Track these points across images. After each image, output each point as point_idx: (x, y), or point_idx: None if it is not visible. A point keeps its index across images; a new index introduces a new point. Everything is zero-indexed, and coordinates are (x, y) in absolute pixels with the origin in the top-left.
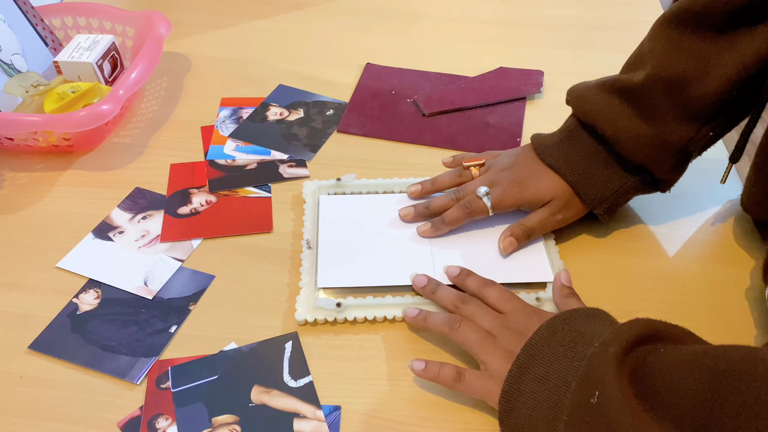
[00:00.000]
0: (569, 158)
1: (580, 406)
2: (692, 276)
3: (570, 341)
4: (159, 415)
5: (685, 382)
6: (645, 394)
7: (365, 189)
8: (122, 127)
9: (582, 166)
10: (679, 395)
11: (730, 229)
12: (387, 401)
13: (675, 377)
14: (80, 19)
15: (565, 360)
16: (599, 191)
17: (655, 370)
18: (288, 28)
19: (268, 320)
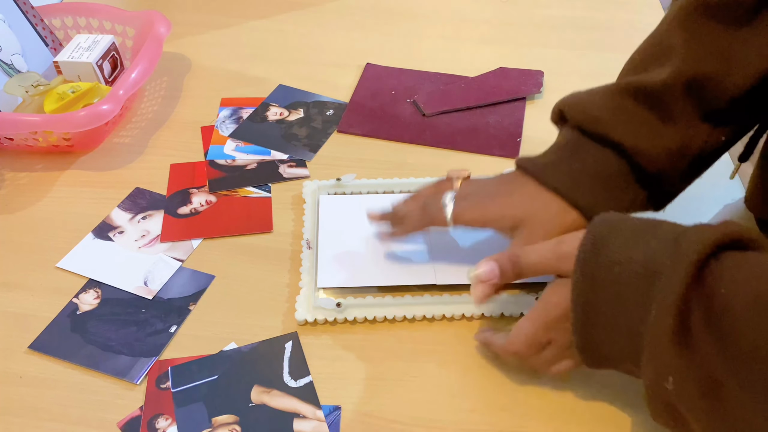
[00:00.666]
0: (577, 179)
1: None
2: None
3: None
4: (159, 415)
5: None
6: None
7: (365, 189)
8: (122, 127)
9: (592, 186)
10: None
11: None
12: (387, 401)
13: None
14: (80, 19)
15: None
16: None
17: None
18: (288, 28)
19: (268, 320)
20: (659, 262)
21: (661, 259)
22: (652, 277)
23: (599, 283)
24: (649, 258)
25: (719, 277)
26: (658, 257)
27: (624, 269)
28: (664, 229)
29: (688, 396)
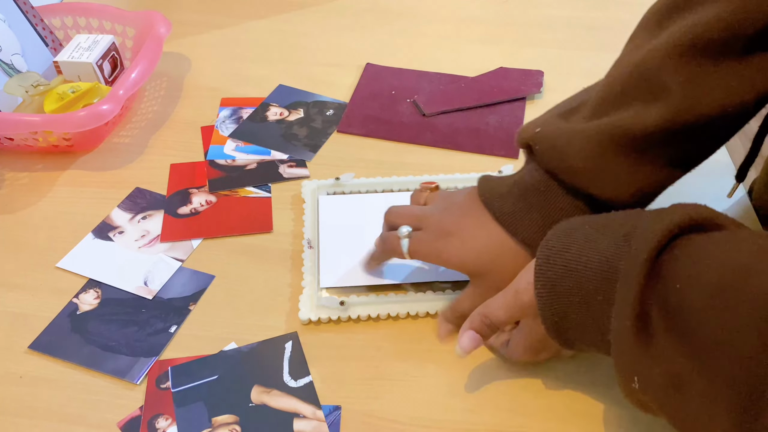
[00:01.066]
0: (545, 229)
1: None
2: None
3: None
4: (159, 415)
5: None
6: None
7: (364, 188)
8: (122, 127)
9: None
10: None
11: None
12: (387, 401)
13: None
14: (80, 19)
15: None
16: None
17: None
18: (288, 28)
19: (268, 320)
20: (614, 263)
21: (615, 261)
22: (611, 280)
23: (561, 294)
24: (603, 262)
25: (673, 270)
26: (612, 260)
27: (581, 276)
28: (613, 227)
29: (653, 393)
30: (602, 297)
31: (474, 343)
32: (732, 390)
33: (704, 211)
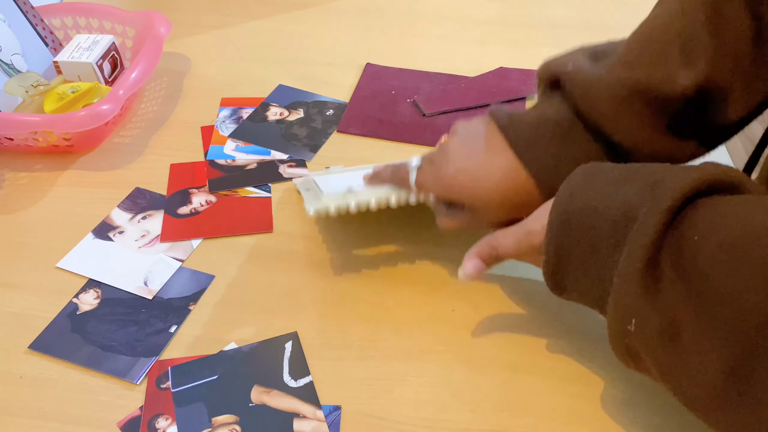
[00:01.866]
0: (561, 167)
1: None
2: None
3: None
4: (159, 415)
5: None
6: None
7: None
8: (122, 127)
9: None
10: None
11: None
12: (387, 401)
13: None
14: (80, 19)
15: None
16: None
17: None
18: (288, 28)
19: (268, 320)
20: (635, 208)
21: (637, 205)
22: (628, 224)
23: (574, 228)
24: (625, 205)
25: (693, 224)
26: (634, 204)
27: (600, 216)
28: (642, 175)
29: (648, 339)
30: (613, 241)
31: (477, 271)
32: (728, 343)
33: (734, 174)
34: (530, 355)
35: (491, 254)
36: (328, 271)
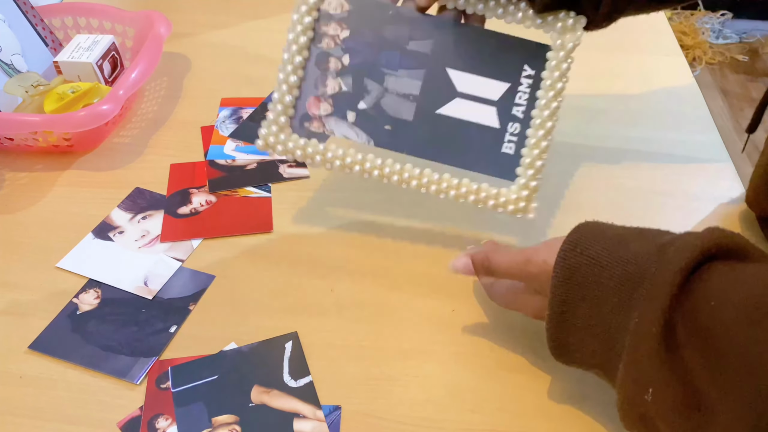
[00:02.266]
0: None
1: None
2: None
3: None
4: (159, 415)
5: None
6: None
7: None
8: (122, 127)
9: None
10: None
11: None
12: (387, 401)
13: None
14: (80, 19)
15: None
16: None
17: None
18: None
19: (268, 320)
20: (644, 267)
21: (646, 265)
22: (635, 283)
23: (579, 283)
24: (632, 263)
25: (707, 288)
26: (642, 263)
27: (605, 271)
28: (649, 237)
29: (667, 408)
30: (617, 300)
31: (465, 271)
32: (753, 412)
33: (739, 239)
34: (530, 355)
35: (483, 263)
36: (328, 271)
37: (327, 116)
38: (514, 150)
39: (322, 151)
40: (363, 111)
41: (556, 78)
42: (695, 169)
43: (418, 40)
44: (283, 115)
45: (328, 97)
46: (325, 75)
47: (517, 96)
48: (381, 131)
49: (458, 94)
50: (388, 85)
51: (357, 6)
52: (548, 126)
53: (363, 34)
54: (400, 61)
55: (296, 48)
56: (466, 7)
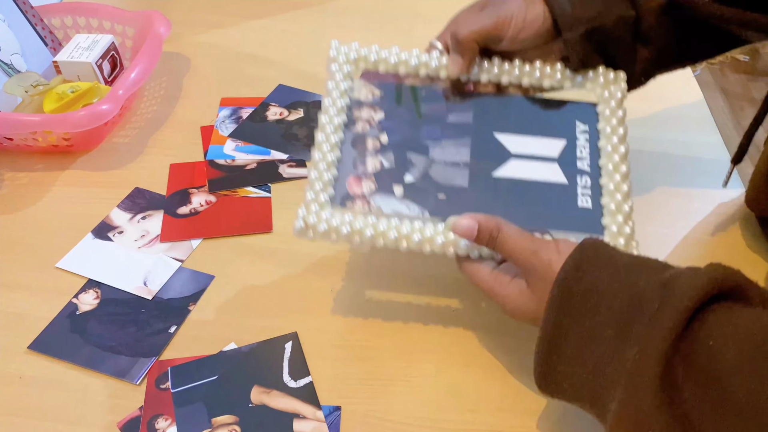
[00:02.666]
0: None
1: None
2: None
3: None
4: (159, 416)
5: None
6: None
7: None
8: (122, 127)
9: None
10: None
11: (731, 229)
12: (387, 401)
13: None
14: (80, 19)
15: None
16: (578, 11)
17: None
18: (288, 28)
19: (268, 320)
20: (645, 303)
21: (648, 301)
22: (635, 318)
23: (576, 307)
24: (634, 297)
25: (708, 328)
26: (644, 298)
27: (605, 300)
28: (651, 270)
29: None
30: (614, 332)
31: (466, 233)
32: None
33: (740, 277)
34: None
35: (492, 233)
36: (328, 271)
37: (372, 194)
38: (592, 203)
39: (372, 224)
40: (411, 184)
41: (615, 125)
42: (695, 169)
43: (458, 112)
44: (323, 192)
45: (370, 175)
46: (364, 155)
47: (578, 151)
48: (434, 201)
49: (513, 156)
50: (434, 155)
51: (388, 91)
52: (623, 170)
53: (399, 114)
54: (442, 132)
55: (332, 128)
56: (501, 77)
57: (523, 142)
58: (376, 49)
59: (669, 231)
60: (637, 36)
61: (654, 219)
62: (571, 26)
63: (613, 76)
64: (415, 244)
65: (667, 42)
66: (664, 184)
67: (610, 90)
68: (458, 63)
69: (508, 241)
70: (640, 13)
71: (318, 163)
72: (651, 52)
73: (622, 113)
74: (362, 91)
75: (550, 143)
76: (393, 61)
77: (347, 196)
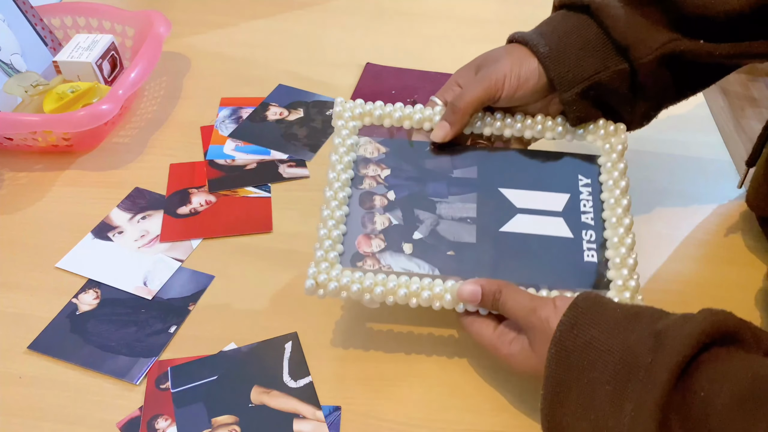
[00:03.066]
0: (543, 32)
1: None
2: (693, 276)
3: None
4: (158, 416)
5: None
6: None
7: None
8: (122, 127)
9: (558, 39)
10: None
11: (731, 229)
12: (387, 401)
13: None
14: (80, 19)
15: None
16: (573, 70)
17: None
18: (288, 28)
19: (268, 320)
20: (639, 357)
21: (641, 355)
22: (630, 373)
23: (574, 365)
24: (628, 351)
25: (699, 378)
26: (638, 352)
27: (601, 357)
28: (645, 320)
29: None
30: (612, 388)
31: (471, 298)
32: None
33: (733, 322)
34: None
35: (495, 294)
36: None
37: (381, 252)
38: (597, 256)
39: (382, 281)
40: (420, 241)
41: (617, 177)
42: (695, 169)
43: (463, 168)
44: (332, 250)
45: (379, 233)
46: (372, 213)
47: (581, 204)
48: (443, 257)
49: (519, 210)
50: (441, 212)
51: (393, 147)
52: (626, 223)
53: (405, 170)
54: (448, 188)
55: (339, 185)
56: (503, 131)
57: (528, 196)
58: (380, 104)
59: (669, 231)
60: (634, 87)
61: (654, 219)
62: (567, 87)
63: (614, 128)
64: (425, 301)
65: (665, 88)
66: (664, 184)
67: (611, 142)
68: (445, 130)
69: (508, 301)
70: (636, 67)
71: (326, 220)
72: (649, 99)
73: (624, 165)
74: (368, 147)
75: (554, 197)
76: (397, 116)
77: (357, 255)
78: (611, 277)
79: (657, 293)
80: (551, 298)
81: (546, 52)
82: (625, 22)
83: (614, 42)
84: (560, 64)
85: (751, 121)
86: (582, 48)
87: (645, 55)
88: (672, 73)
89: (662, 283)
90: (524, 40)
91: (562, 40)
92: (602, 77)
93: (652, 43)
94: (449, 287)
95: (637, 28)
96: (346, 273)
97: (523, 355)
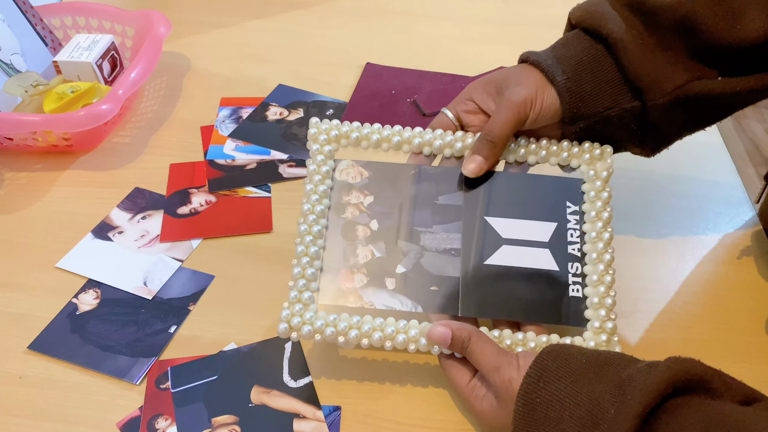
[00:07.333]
0: (559, 57)
1: None
2: (693, 276)
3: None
4: (158, 416)
5: None
6: None
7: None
8: (122, 127)
9: (574, 68)
10: None
11: (733, 229)
12: (387, 401)
13: None
14: (80, 19)
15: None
16: (585, 107)
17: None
18: (288, 28)
19: (268, 320)
20: (603, 409)
21: (605, 406)
22: (594, 425)
23: (540, 421)
24: (592, 403)
25: (659, 428)
26: (601, 403)
27: (566, 410)
28: (611, 370)
29: None
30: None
31: (441, 340)
32: None
33: (699, 370)
34: None
35: (464, 343)
36: None
37: (363, 288)
38: (582, 291)
39: (357, 323)
40: (403, 275)
41: (599, 208)
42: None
43: (448, 193)
44: (306, 290)
45: (361, 267)
46: (354, 244)
47: (568, 234)
48: (427, 293)
49: (504, 241)
50: (426, 243)
51: (377, 171)
52: (606, 259)
53: (388, 197)
54: (432, 217)
55: (314, 217)
56: (528, 157)
57: (514, 225)
58: (357, 125)
59: (669, 231)
60: (643, 125)
61: (654, 219)
62: (574, 120)
63: (599, 152)
64: (400, 344)
65: (677, 125)
66: (664, 184)
67: (596, 168)
68: (480, 165)
69: (475, 352)
70: (648, 108)
71: (300, 257)
72: (658, 135)
73: (608, 194)
74: (350, 171)
75: (540, 227)
76: (375, 138)
77: (339, 291)
78: (588, 317)
79: (657, 292)
80: (515, 356)
81: (563, 82)
82: (641, 61)
83: (628, 81)
84: (574, 97)
85: (751, 121)
86: (596, 83)
87: (659, 97)
88: (685, 112)
89: (662, 282)
90: (540, 65)
91: (578, 70)
92: (611, 113)
93: (667, 85)
94: (424, 330)
95: (653, 68)
96: (321, 315)
97: (493, 413)
